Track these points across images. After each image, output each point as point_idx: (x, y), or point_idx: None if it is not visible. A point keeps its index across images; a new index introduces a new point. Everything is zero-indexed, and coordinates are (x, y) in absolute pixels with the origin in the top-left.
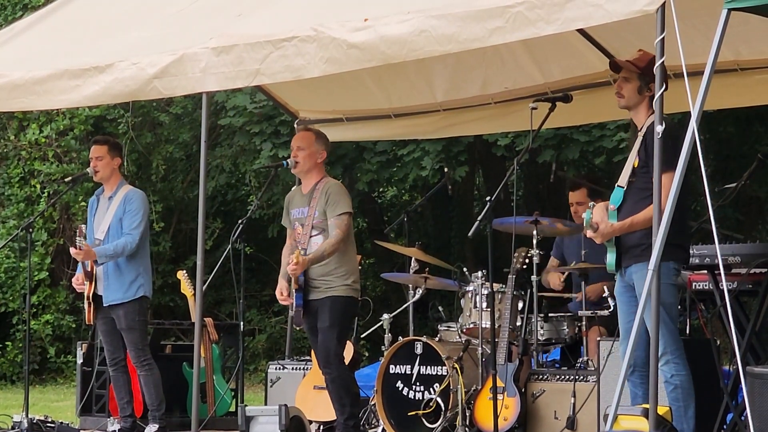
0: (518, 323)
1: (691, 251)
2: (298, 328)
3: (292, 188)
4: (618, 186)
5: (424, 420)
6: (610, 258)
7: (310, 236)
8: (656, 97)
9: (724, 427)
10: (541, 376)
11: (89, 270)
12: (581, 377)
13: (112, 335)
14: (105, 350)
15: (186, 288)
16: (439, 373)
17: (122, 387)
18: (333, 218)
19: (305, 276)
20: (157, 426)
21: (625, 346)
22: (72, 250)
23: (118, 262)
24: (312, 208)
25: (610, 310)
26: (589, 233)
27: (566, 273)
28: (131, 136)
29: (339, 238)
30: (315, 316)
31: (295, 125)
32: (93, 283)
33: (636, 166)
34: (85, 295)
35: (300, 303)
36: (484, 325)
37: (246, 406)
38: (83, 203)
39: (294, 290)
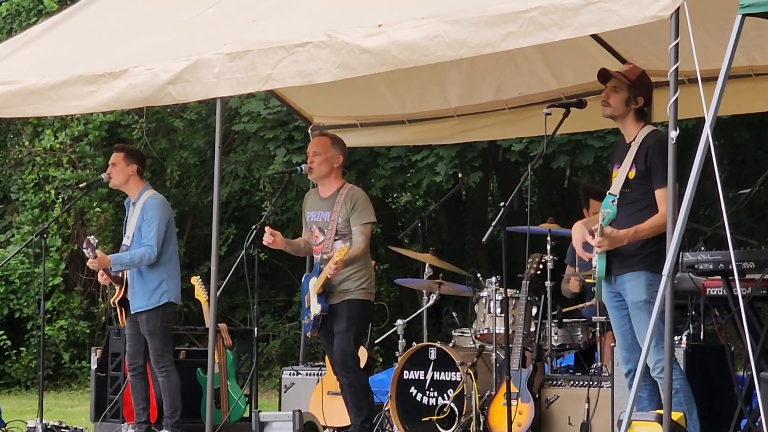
0: (532, 329)
1: (704, 257)
2: (311, 337)
3: (309, 191)
4: (610, 194)
5: (438, 426)
6: (600, 264)
7: (333, 240)
8: (670, 102)
9: None
10: (555, 382)
11: (119, 276)
12: (595, 383)
13: (136, 339)
14: (126, 354)
15: (200, 294)
16: (453, 379)
17: (139, 393)
18: (358, 226)
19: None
20: None
21: (622, 350)
22: (88, 261)
23: (141, 270)
24: (335, 212)
25: None
26: (596, 238)
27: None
28: (145, 141)
29: (365, 245)
30: (331, 321)
31: (309, 131)
32: (123, 287)
33: (631, 177)
34: (112, 300)
35: (326, 307)
36: (498, 331)
37: (260, 411)
38: (98, 209)
39: (316, 295)
